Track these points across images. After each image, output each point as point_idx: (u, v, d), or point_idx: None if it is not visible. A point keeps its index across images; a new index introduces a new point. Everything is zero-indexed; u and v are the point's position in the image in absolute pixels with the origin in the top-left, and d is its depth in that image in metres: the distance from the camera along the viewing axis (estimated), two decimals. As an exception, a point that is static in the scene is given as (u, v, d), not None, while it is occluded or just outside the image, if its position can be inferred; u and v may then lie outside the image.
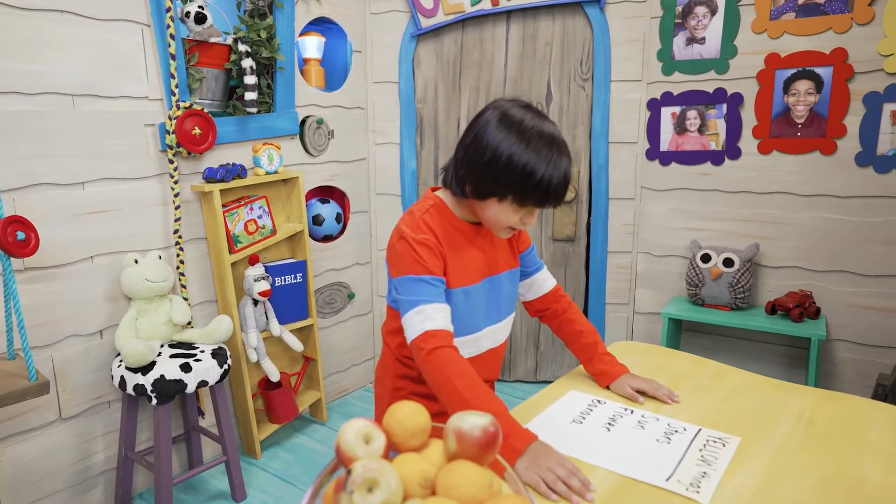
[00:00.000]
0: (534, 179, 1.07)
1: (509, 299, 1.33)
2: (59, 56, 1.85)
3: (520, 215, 1.14)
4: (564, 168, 1.09)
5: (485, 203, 1.14)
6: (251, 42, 2.31)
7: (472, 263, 1.22)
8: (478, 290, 1.23)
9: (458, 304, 1.20)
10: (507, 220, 1.14)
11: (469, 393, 1.04)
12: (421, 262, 1.13)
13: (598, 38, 2.69)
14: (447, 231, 1.19)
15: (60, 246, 1.91)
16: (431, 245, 1.15)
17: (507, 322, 1.33)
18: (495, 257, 1.28)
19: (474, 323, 1.24)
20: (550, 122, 1.12)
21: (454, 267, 1.19)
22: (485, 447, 0.77)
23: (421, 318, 1.10)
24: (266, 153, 2.33)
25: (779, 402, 1.25)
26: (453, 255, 1.19)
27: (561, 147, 1.10)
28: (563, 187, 1.10)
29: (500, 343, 1.33)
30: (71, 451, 2.02)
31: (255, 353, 2.34)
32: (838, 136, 2.34)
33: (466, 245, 1.22)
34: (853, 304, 2.41)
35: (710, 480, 0.96)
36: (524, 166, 1.07)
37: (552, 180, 1.08)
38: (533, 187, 1.08)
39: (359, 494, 0.66)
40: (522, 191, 1.09)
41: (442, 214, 1.21)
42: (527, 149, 1.07)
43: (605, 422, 1.16)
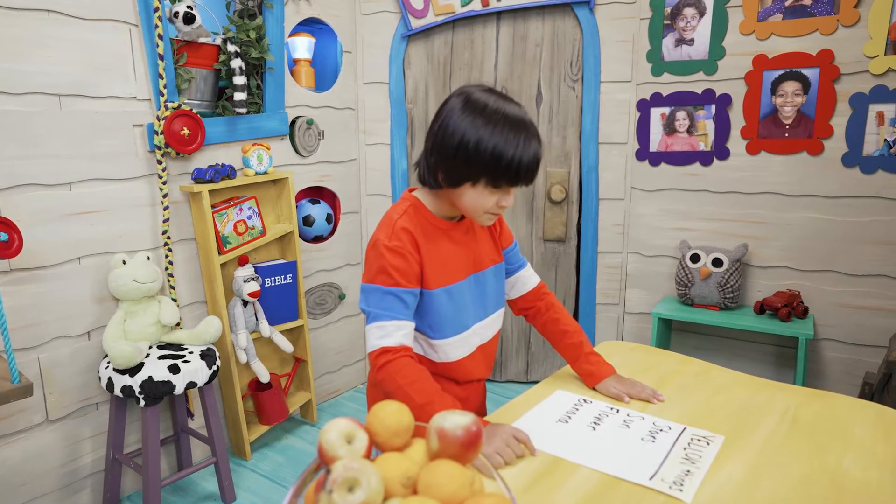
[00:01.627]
0: (504, 160, 1.08)
1: (496, 294, 1.33)
2: (45, 56, 1.84)
3: (496, 198, 1.13)
4: (534, 147, 1.11)
5: (459, 190, 1.15)
6: (240, 42, 2.30)
7: (454, 261, 1.22)
8: (462, 288, 1.24)
9: (443, 304, 1.20)
10: (483, 204, 1.14)
11: (421, 398, 1.08)
12: (389, 273, 1.14)
13: (588, 39, 2.70)
14: (426, 231, 1.19)
15: (47, 247, 1.90)
16: (404, 252, 1.15)
17: (495, 317, 1.33)
18: (479, 253, 1.28)
19: (463, 321, 1.24)
20: (515, 104, 1.14)
21: (435, 266, 1.19)
22: (467, 446, 0.77)
23: (380, 335, 1.13)
24: (255, 153, 2.33)
25: (763, 400, 1.26)
26: (434, 255, 1.19)
27: (528, 127, 1.12)
28: (534, 165, 1.12)
29: (489, 339, 1.32)
30: (58, 454, 2.00)
31: (245, 354, 2.33)
32: (825, 137, 2.36)
33: (447, 243, 1.22)
34: (840, 304, 2.43)
35: (693, 479, 0.97)
36: (493, 149, 1.08)
37: (522, 160, 1.09)
38: (504, 168, 1.09)
39: (339, 494, 0.66)
40: (494, 173, 1.10)
41: (420, 214, 1.21)
42: (494, 131, 1.08)
43: (591, 421, 1.17)
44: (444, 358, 1.24)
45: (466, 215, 1.20)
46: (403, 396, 1.09)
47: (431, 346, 1.24)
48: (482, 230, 1.32)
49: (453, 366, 1.26)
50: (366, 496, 0.67)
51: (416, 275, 1.17)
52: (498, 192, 1.13)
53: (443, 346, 1.23)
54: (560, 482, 0.97)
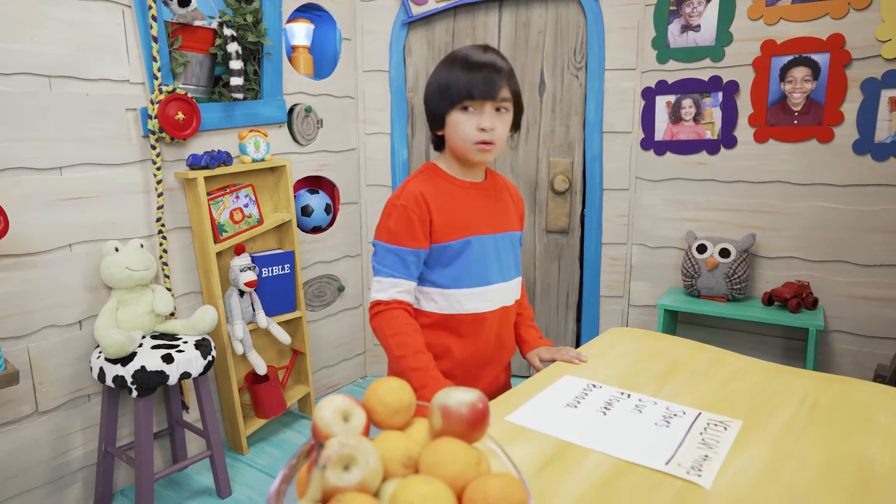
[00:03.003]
0: (460, 73, 1.18)
1: (515, 261, 1.36)
2: (35, 35, 1.79)
3: (472, 121, 1.20)
4: (490, 57, 1.20)
5: (447, 133, 1.24)
6: (237, 26, 2.25)
7: (476, 216, 1.27)
8: (486, 242, 1.28)
9: (463, 254, 1.24)
10: (466, 133, 1.20)
11: (399, 350, 1.17)
12: (392, 231, 1.23)
13: (592, 27, 2.64)
14: (443, 188, 1.26)
15: (37, 233, 1.85)
16: (409, 213, 1.22)
17: (515, 283, 1.37)
18: (503, 217, 1.33)
19: (485, 275, 1.28)
20: (492, 51, 1.23)
21: (452, 219, 1.24)
22: (472, 424, 0.71)
23: (377, 289, 1.24)
24: (252, 140, 2.27)
25: (780, 386, 1.20)
26: (450, 209, 1.25)
27: (487, 48, 1.23)
28: (490, 71, 1.19)
29: (510, 303, 1.35)
30: (48, 446, 1.95)
31: (242, 345, 2.27)
32: (835, 124, 2.31)
33: (467, 200, 1.27)
34: (851, 295, 2.37)
35: (711, 464, 0.91)
36: (454, 71, 1.20)
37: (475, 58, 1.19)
38: (464, 81, 1.18)
39: (333, 472, 0.60)
40: (455, 90, 1.19)
41: (437, 176, 1.28)
42: (454, 62, 1.21)
43: (601, 406, 1.11)
44: (457, 308, 1.26)
45: (462, 156, 1.25)
46: (386, 346, 1.20)
47: (445, 297, 1.26)
48: (507, 198, 1.36)
49: (471, 318, 1.27)
50: (363, 475, 0.61)
51: (423, 234, 1.23)
52: (468, 113, 1.20)
53: (457, 295, 1.25)
54: (571, 467, 0.91)
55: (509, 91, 1.22)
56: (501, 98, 1.21)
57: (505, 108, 1.23)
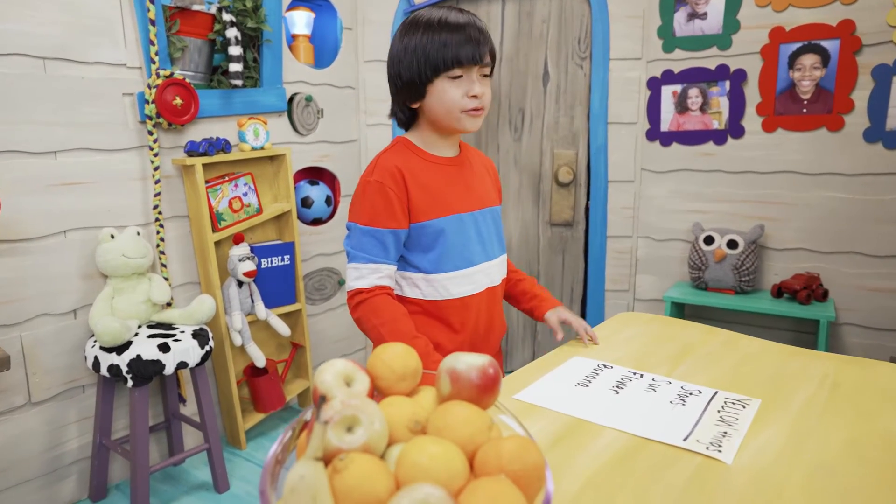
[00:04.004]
0: (445, 36, 1.10)
1: (498, 237, 1.30)
2: (29, 16, 1.75)
3: (461, 89, 1.12)
4: (469, 17, 1.13)
5: (428, 102, 1.15)
6: (236, 11, 2.21)
7: (453, 194, 1.20)
8: (465, 221, 1.20)
9: (443, 235, 1.17)
10: (453, 101, 1.13)
11: (392, 337, 1.09)
12: (368, 211, 1.14)
13: (597, 16, 2.61)
14: (417, 164, 1.18)
15: (31, 218, 1.80)
16: (386, 190, 1.14)
17: (500, 261, 1.30)
18: (480, 192, 1.25)
19: (468, 256, 1.21)
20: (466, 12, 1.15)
21: (429, 198, 1.17)
22: (483, 390, 0.67)
23: (355, 276, 1.15)
24: (252, 128, 2.23)
25: (798, 366, 1.16)
26: (427, 187, 1.17)
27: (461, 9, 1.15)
28: (474, 27, 1.12)
29: (498, 283, 1.29)
30: (41, 438, 1.90)
31: (240, 336, 2.23)
32: (846, 112, 2.26)
33: (442, 176, 1.20)
34: (862, 287, 2.33)
35: (731, 440, 0.87)
36: (435, 35, 1.11)
37: (455, 20, 1.11)
38: (452, 46, 1.10)
39: (335, 433, 0.56)
40: (440, 57, 1.10)
41: (409, 150, 1.20)
42: (430, 25, 1.12)
43: (613, 385, 1.06)
44: (443, 294, 1.19)
45: (447, 126, 1.17)
46: (377, 336, 1.12)
47: (429, 283, 1.20)
48: (483, 173, 1.30)
49: (459, 304, 1.20)
50: (367, 437, 0.57)
51: (401, 212, 1.15)
52: (459, 82, 1.12)
53: (441, 280, 1.19)
54: (584, 443, 0.86)
55: (490, 54, 1.16)
56: (486, 62, 1.14)
57: (488, 73, 1.16)
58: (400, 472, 0.54)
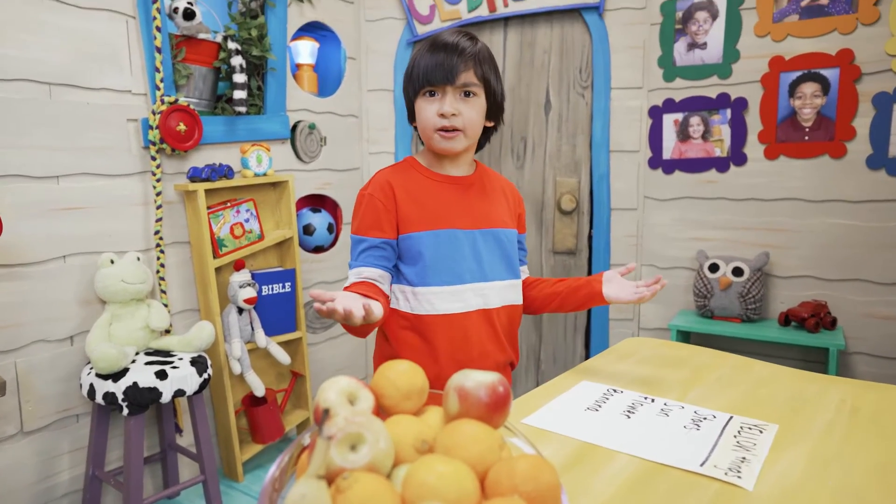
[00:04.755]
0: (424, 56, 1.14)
1: (505, 260, 1.25)
2: (36, 42, 1.76)
3: (433, 107, 1.14)
4: (455, 38, 1.14)
5: (417, 118, 1.19)
6: (242, 40, 2.23)
7: (448, 210, 1.20)
8: (459, 237, 1.19)
9: (430, 248, 1.17)
10: (427, 119, 1.15)
11: None
12: (359, 221, 1.19)
13: (598, 46, 2.64)
14: (413, 179, 1.21)
15: (30, 243, 1.79)
16: (376, 201, 1.17)
17: (502, 286, 1.24)
18: (487, 213, 1.24)
19: (457, 273, 1.18)
20: (462, 34, 1.17)
21: (419, 210, 1.18)
22: (493, 409, 0.64)
23: (347, 282, 1.17)
24: (255, 154, 2.23)
25: (814, 391, 1.13)
26: (418, 200, 1.19)
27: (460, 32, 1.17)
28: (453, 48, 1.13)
29: (496, 306, 1.23)
30: (32, 469, 1.84)
31: (239, 364, 2.19)
32: (848, 139, 2.27)
33: (440, 192, 1.21)
34: (870, 314, 2.29)
35: (751, 466, 0.83)
36: (420, 55, 1.15)
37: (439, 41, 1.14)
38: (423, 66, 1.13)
39: (339, 452, 0.53)
40: (416, 76, 1.15)
41: (411, 167, 1.23)
42: (427, 44, 1.16)
43: (624, 409, 1.03)
44: (428, 309, 1.17)
45: (428, 146, 1.22)
46: None
47: (415, 296, 1.18)
48: (499, 196, 1.27)
49: (443, 320, 1.17)
50: (372, 456, 0.54)
51: (389, 223, 1.17)
52: (433, 100, 1.15)
53: (426, 293, 1.17)
54: (597, 468, 0.83)
55: (475, 75, 1.14)
56: (464, 83, 1.13)
57: (473, 93, 1.14)
58: (407, 492, 0.51)
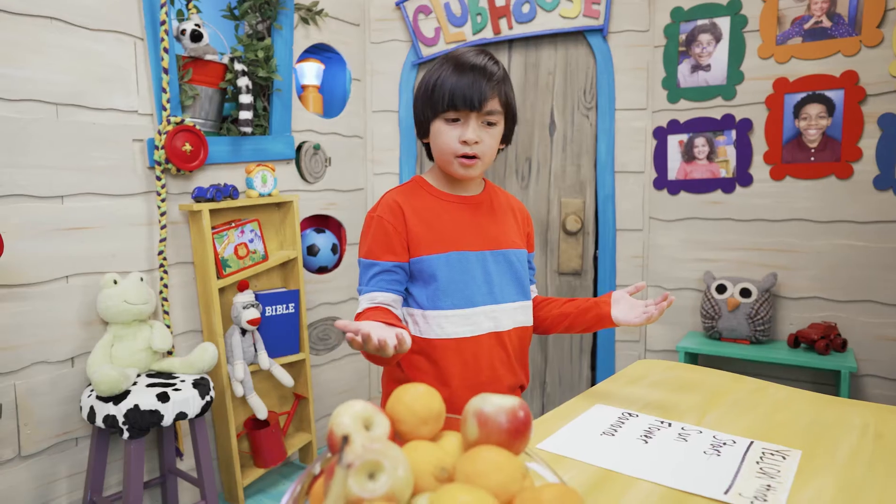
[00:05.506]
0: (447, 76, 1.11)
1: (516, 282, 1.23)
2: (44, 63, 1.76)
3: (455, 133, 1.12)
4: (481, 60, 1.12)
5: (431, 141, 1.16)
6: (248, 62, 2.24)
7: (458, 231, 1.17)
8: (470, 259, 1.17)
9: (441, 271, 1.14)
10: (447, 144, 1.13)
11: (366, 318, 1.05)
12: (369, 244, 1.16)
13: (602, 67, 2.65)
14: (423, 201, 1.18)
15: (33, 262, 1.77)
16: (387, 219, 1.15)
17: (513, 308, 1.21)
18: (497, 233, 1.22)
19: (469, 295, 1.16)
20: (484, 55, 1.15)
21: (430, 233, 1.16)
22: (513, 434, 0.62)
23: (358, 310, 1.14)
24: (260, 174, 2.22)
25: (834, 415, 1.10)
26: (428, 222, 1.16)
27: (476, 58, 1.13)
28: (481, 71, 1.10)
29: (507, 328, 1.20)
30: (29, 495, 1.80)
31: (242, 387, 2.15)
32: (854, 160, 2.26)
33: (450, 213, 1.18)
34: (881, 336, 2.26)
35: (777, 494, 0.80)
36: (443, 73, 1.12)
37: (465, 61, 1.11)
38: (449, 87, 1.10)
39: (356, 480, 0.50)
40: (439, 97, 1.11)
41: (420, 187, 1.21)
42: (443, 66, 1.13)
43: (641, 434, 1.00)
44: (438, 333, 1.14)
45: (444, 169, 1.17)
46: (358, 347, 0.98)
47: (425, 319, 1.15)
48: (508, 215, 1.26)
49: (454, 344, 1.14)
50: (391, 485, 0.51)
51: (401, 246, 1.15)
52: (451, 124, 1.12)
53: (436, 317, 1.14)
54: (618, 496, 0.80)
55: (499, 102, 1.13)
56: (489, 110, 1.11)
57: (493, 122, 1.13)
58: (430, 524, 0.49)
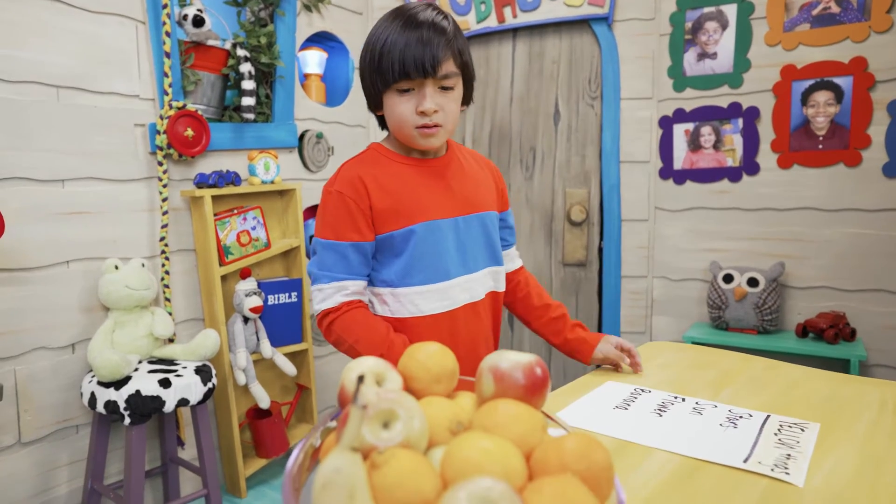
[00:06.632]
0: (395, 39, 1.00)
1: (488, 247, 1.16)
2: (45, 45, 1.74)
3: (411, 104, 1.02)
4: (428, 14, 1.01)
5: (385, 113, 1.07)
6: (250, 47, 2.22)
7: (427, 198, 1.08)
8: (444, 228, 1.08)
9: (413, 243, 1.06)
10: (404, 115, 1.03)
11: (367, 351, 1.00)
12: (330, 224, 1.06)
13: (607, 56, 2.63)
14: (384, 168, 1.08)
15: (33, 247, 1.75)
16: (348, 195, 1.05)
17: (487, 273, 1.16)
18: (468, 195, 1.13)
19: (442, 269, 1.08)
20: (432, 9, 1.04)
21: (397, 204, 1.06)
22: (530, 391, 0.59)
23: (320, 298, 1.07)
24: (262, 162, 2.20)
25: (851, 392, 1.07)
26: (395, 192, 1.07)
27: (415, 10, 1.02)
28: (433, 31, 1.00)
29: (480, 298, 1.14)
30: (29, 482, 1.78)
31: (244, 375, 2.13)
32: (863, 147, 2.24)
33: (416, 178, 1.09)
34: (890, 326, 2.24)
35: (797, 463, 0.78)
36: (390, 36, 1.00)
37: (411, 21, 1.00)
38: (397, 54, 0.99)
39: (371, 429, 0.48)
40: (387, 67, 1.00)
41: (378, 153, 1.11)
42: (398, 19, 1.02)
43: (655, 408, 0.98)
44: (412, 311, 1.08)
45: (403, 140, 1.08)
46: (355, 356, 1.00)
47: (395, 297, 1.08)
48: (479, 174, 1.18)
49: (430, 322, 1.07)
50: (406, 434, 0.49)
51: (364, 223, 1.06)
52: (409, 96, 1.02)
53: (409, 294, 1.07)
54: (635, 464, 0.78)
55: (454, 63, 1.02)
56: (444, 74, 1.00)
57: (450, 85, 1.03)
58: (447, 470, 0.46)
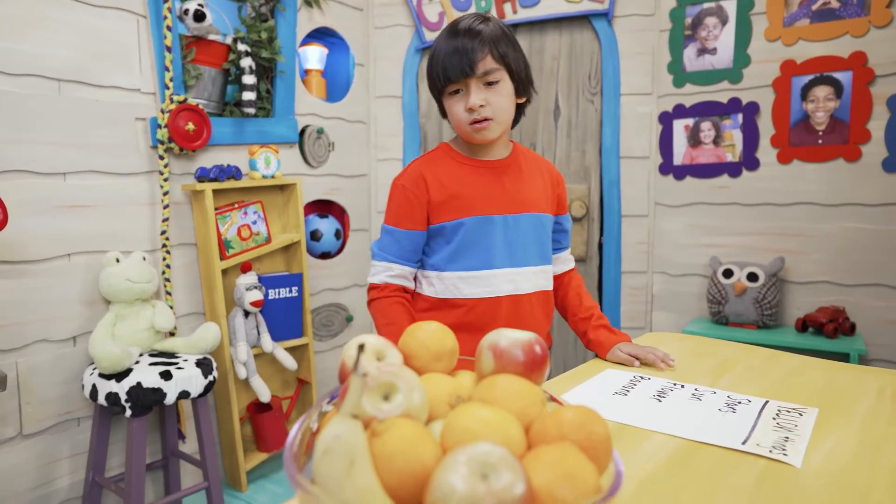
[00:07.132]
0: (440, 50, 1.13)
1: (537, 245, 1.23)
2: (46, 38, 1.75)
3: (461, 104, 1.13)
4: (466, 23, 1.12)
5: (448, 115, 1.18)
6: (251, 42, 2.23)
7: (482, 195, 1.18)
8: (494, 222, 1.18)
9: (461, 234, 1.17)
10: (458, 115, 1.15)
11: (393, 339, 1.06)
12: (392, 212, 1.20)
13: (607, 52, 2.63)
14: (446, 166, 1.20)
15: (34, 240, 1.75)
16: (408, 193, 1.18)
17: (534, 272, 1.22)
18: (523, 196, 1.21)
19: (487, 259, 1.17)
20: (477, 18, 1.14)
21: (452, 199, 1.17)
22: (529, 368, 0.60)
23: (373, 272, 1.21)
24: (263, 156, 2.21)
25: (849, 379, 1.08)
26: (452, 188, 1.18)
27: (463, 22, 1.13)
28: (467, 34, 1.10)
29: (526, 292, 1.21)
30: (31, 474, 1.78)
31: (245, 369, 2.13)
32: (862, 142, 2.24)
33: (474, 177, 1.19)
34: (890, 320, 2.24)
35: (795, 445, 0.78)
36: (437, 48, 1.14)
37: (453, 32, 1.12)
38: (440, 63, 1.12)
39: (371, 401, 0.49)
40: (435, 76, 1.14)
41: (444, 153, 1.23)
42: (446, 30, 1.15)
43: (654, 394, 0.98)
44: (454, 293, 1.17)
45: (463, 137, 1.21)
46: (379, 334, 1.11)
47: (441, 280, 1.19)
48: (538, 177, 1.25)
49: (470, 305, 1.16)
50: (406, 406, 0.49)
51: (420, 215, 1.18)
52: (459, 97, 1.14)
53: (452, 278, 1.17)
54: (633, 446, 0.78)
55: (493, 59, 1.11)
56: (484, 71, 1.10)
57: (493, 80, 1.12)
58: (447, 440, 0.47)
